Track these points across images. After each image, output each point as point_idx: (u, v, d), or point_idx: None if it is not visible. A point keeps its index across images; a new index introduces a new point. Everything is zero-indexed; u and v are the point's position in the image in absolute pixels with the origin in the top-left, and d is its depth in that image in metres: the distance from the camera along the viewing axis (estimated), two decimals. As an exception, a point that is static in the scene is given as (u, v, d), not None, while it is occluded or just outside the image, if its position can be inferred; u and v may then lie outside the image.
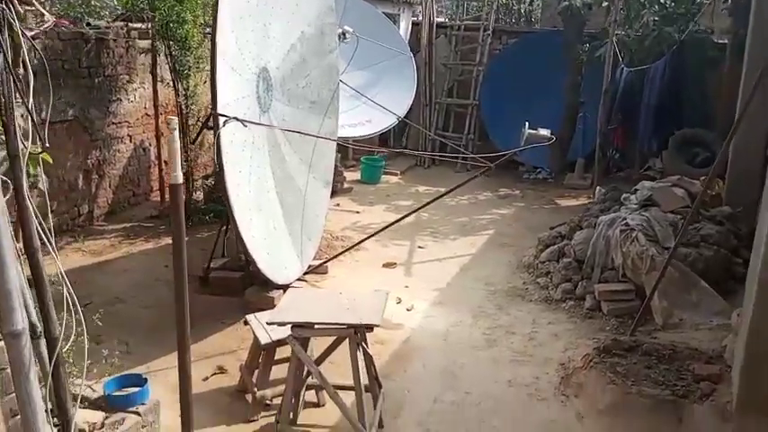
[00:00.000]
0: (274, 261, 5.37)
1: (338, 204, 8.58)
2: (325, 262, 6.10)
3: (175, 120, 2.32)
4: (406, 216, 6.10)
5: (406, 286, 5.99)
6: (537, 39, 11.24)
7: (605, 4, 9.24)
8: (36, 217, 2.12)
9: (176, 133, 2.27)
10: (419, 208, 5.88)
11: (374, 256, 6.75)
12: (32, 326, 2.26)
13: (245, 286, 5.54)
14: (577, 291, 5.61)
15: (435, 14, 11.41)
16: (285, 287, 5.44)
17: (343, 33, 7.62)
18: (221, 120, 4.02)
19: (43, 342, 2.37)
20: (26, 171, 2.23)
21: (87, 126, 7.12)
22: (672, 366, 4.20)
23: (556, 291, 5.73)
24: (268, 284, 5.31)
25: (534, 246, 6.68)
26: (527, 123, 5.13)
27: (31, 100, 2.18)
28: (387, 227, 6.06)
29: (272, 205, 5.62)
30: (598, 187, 7.58)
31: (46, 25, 4.51)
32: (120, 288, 5.68)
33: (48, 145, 2.31)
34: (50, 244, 2.11)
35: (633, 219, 5.67)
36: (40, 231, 2.13)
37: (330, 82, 6.82)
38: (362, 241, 6.36)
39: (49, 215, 2.32)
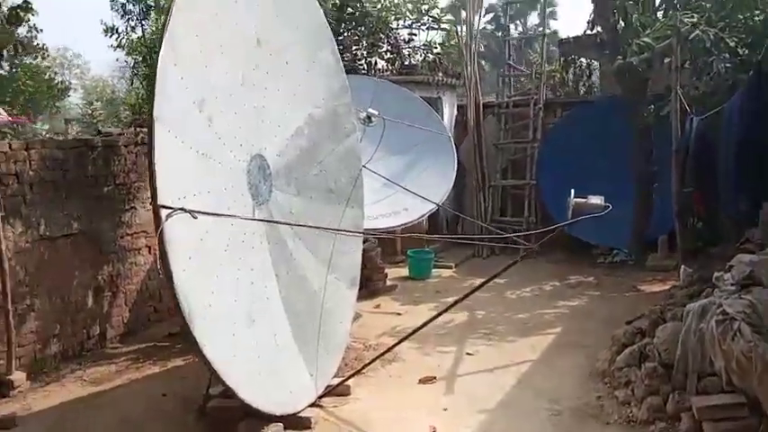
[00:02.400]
0: (273, 385, 4.37)
1: (378, 306, 7.57)
2: (345, 380, 5.01)
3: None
4: (434, 318, 4.98)
5: (445, 409, 4.76)
6: (592, 108, 10.20)
7: (667, 60, 8.13)
8: None
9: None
10: (447, 309, 4.77)
11: (412, 367, 5.61)
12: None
13: (247, 416, 4.53)
14: (669, 407, 4.22)
15: (481, 94, 10.69)
16: (290, 418, 4.40)
17: (368, 117, 6.91)
18: (163, 213, 3.18)
19: None
20: None
21: (96, 239, 6.58)
22: None
23: (640, 408, 4.35)
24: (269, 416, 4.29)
25: (608, 347, 5.36)
26: (573, 191, 4.04)
27: None
28: (415, 330, 4.95)
29: (274, 315, 4.70)
30: (683, 267, 6.18)
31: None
32: (104, 426, 4.80)
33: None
34: None
35: (732, 305, 4.30)
36: None
37: (350, 168, 6.04)
38: (388, 351, 5.26)
39: None
